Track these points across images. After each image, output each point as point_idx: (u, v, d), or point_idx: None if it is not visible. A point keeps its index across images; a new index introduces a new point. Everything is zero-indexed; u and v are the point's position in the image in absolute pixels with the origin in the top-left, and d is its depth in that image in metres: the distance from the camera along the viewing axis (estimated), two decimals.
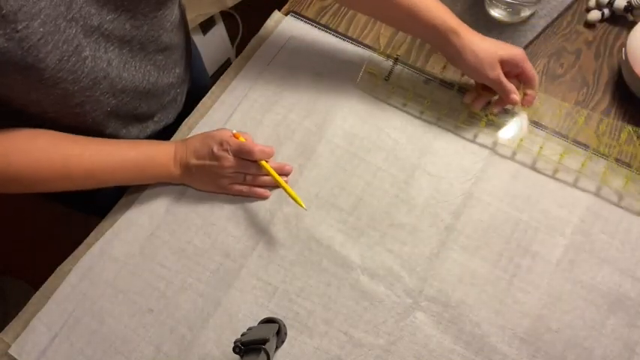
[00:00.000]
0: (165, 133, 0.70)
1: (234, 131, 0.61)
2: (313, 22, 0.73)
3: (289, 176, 0.63)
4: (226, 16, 1.48)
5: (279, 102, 0.68)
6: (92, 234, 0.63)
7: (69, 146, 0.56)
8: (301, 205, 0.57)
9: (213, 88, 0.70)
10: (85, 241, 0.62)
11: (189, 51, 0.73)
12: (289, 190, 0.58)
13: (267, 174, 0.60)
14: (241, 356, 0.47)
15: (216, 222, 0.61)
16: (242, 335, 0.50)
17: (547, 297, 0.56)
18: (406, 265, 0.58)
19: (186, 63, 0.72)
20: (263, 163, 0.60)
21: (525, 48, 0.69)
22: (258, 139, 0.65)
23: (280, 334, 0.54)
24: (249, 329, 0.52)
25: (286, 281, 0.58)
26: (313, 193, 0.62)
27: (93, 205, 0.71)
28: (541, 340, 0.54)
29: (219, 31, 1.41)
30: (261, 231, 0.61)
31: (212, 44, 1.40)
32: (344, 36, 0.72)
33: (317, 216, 0.61)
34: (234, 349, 0.47)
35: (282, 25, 0.73)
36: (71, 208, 0.82)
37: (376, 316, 0.56)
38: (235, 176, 0.61)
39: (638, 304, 0.55)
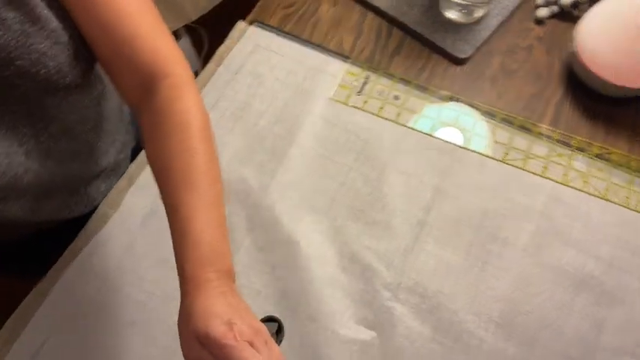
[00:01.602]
0: None
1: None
2: (278, 30, 0.75)
3: (263, 182, 0.64)
4: (190, 30, 1.48)
5: (249, 110, 0.69)
6: (67, 252, 0.62)
7: None
8: None
9: None
10: (61, 260, 0.61)
11: (127, 110, 0.70)
12: None
13: None
14: None
15: None
16: None
17: (517, 281, 0.58)
18: (383, 260, 0.60)
19: (127, 124, 0.69)
20: None
21: (481, 46, 0.72)
22: (230, 147, 0.66)
23: (281, 333, 0.54)
24: None
25: (267, 285, 0.59)
26: (288, 196, 0.63)
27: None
28: (514, 322, 0.57)
29: (185, 45, 1.41)
30: (240, 237, 0.61)
31: None
32: (308, 42, 0.73)
33: (293, 218, 0.62)
34: None
35: (248, 34, 0.74)
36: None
37: (358, 311, 0.58)
38: None
39: (602, 282, 0.58)
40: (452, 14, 0.73)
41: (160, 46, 0.47)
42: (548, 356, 0.55)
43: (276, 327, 0.53)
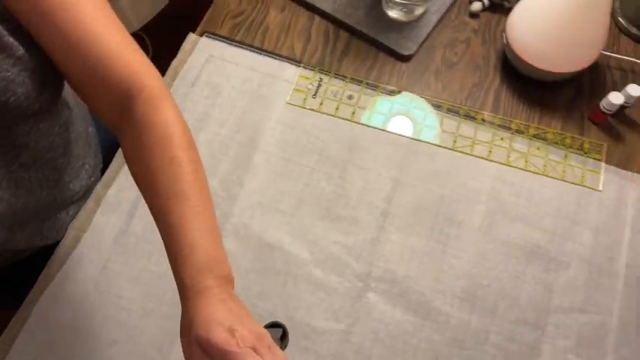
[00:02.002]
0: None
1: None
2: (229, 39, 0.76)
3: (231, 190, 0.66)
4: (134, 37, 1.46)
5: (210, 120, 0.71)
6: (40, 279, 0.62)
7: None
8: None
9: None
10: (34, 289, 0.61)
11: (93, 132, 0.70)
12: None
13: None
14: None
15: None
16: None
17: (475, 258, 0.64)
18: (352, 252, 0.64)
19: (94, 147, 0.69)
20: None
21: (423, 43, 0.77)
22: None
23: (285, 338, 0.56)
24: None
25: (245, 288, 0.62)
26: (256, 200, 0.66)
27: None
28: (476, 296, 0.62)
29: None
30: None
31: None
32: (260, 50, 0.76)
33: (263, 222, 0.65)
34: None
35: (199, 46, 0.76)
36: None
37: (333, 303, 0.61)
38: None
39: (548, 250, 0.64)
40: (394, 13, 0.77)
41: (132, 60, 0.47)
42: (508, 322, 0.61)
43: (280, 332, 0.55)
